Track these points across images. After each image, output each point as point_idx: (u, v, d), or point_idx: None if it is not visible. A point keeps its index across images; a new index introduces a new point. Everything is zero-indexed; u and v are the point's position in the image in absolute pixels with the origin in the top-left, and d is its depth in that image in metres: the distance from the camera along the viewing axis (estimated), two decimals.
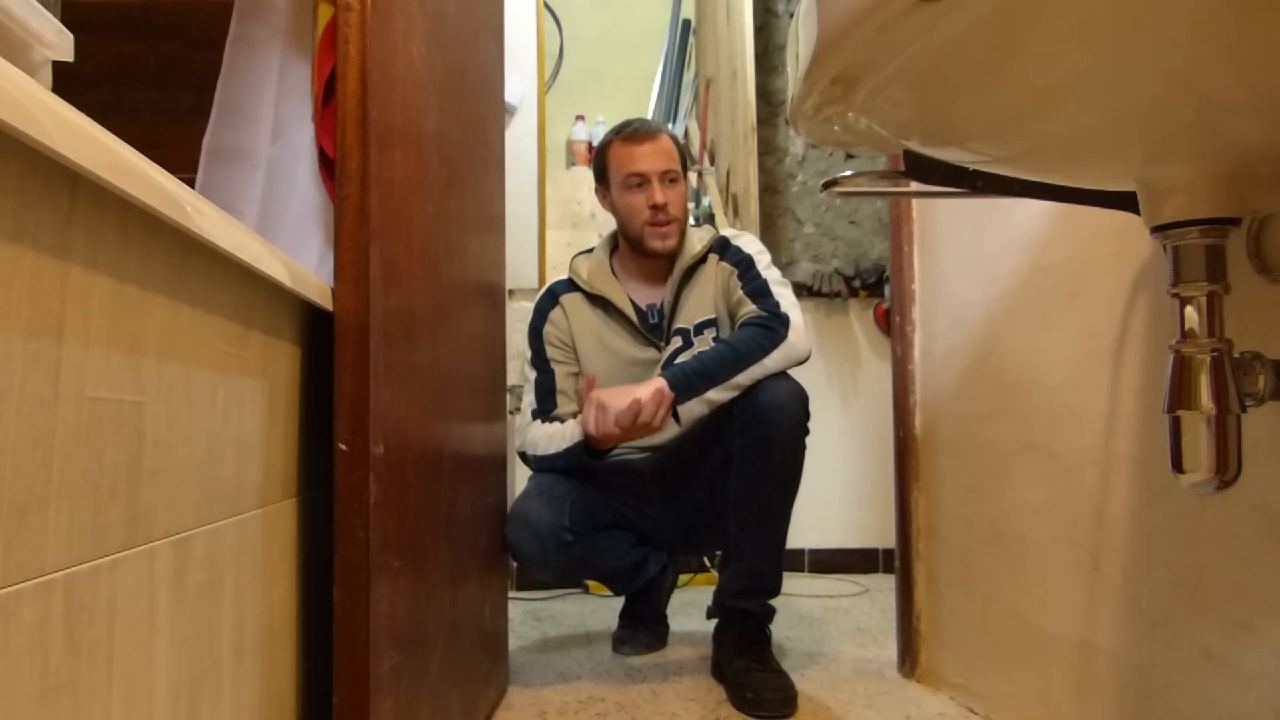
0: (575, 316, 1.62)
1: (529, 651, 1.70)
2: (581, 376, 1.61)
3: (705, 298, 1.58)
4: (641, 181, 1.55)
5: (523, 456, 1.58)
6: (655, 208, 1.53)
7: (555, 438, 1.52)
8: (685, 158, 1.62)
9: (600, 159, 1.62)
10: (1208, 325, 0.68)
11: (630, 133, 1.58)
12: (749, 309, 1.50)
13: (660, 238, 1.55)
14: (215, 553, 0.65)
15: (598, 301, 1.61)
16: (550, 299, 1.64)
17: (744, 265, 1.56)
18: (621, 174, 1.57)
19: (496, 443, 1.40)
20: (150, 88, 1.41)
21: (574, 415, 1.59)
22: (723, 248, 1.60)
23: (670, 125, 2.91)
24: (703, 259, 1.60)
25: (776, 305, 1.48)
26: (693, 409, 1.42)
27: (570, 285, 1.64)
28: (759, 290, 1.51)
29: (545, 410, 1.58)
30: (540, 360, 1.61)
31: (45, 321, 0.45)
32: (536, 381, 1.60)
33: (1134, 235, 0.99)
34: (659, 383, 1.41)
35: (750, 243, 1.60)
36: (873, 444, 2.42)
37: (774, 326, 1.44)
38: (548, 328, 1.62)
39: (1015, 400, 1.23)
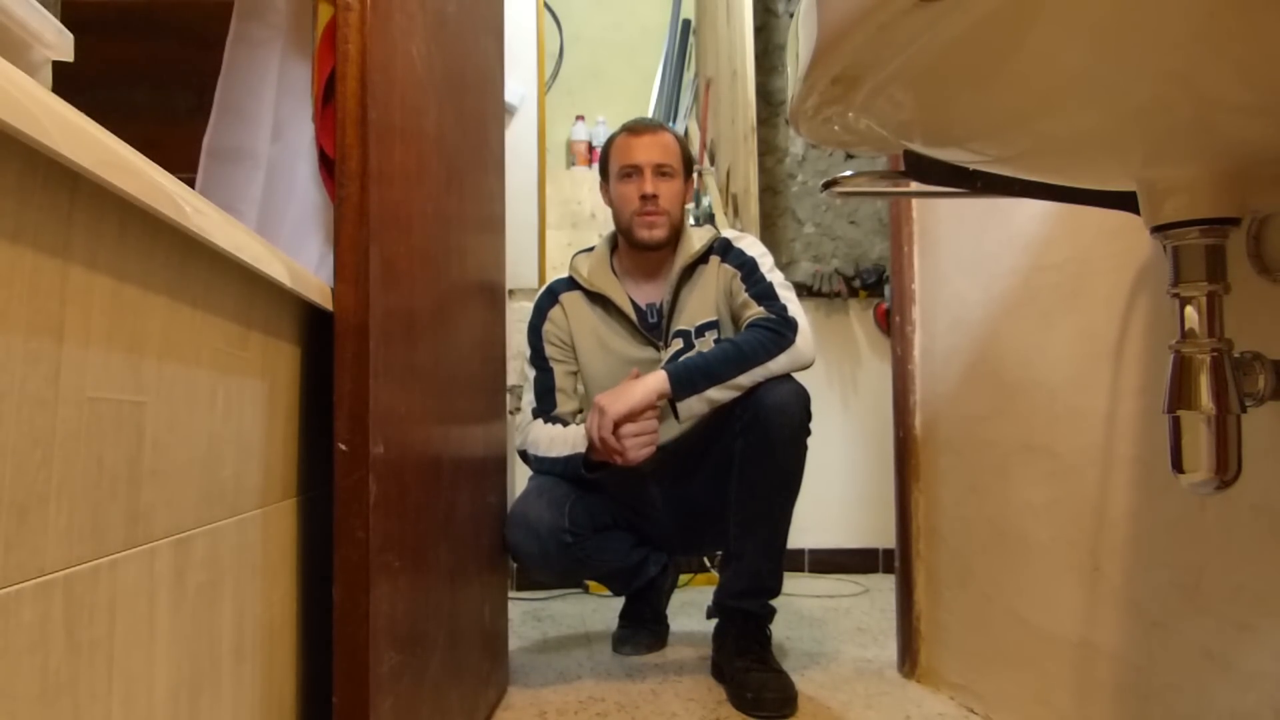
0: (575, 315, 1.62)
1: (529, 651, 1.70)
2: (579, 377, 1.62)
3: (706, 299, 1.58)
4: (634, 172, 1.57)
5: (523, 455, 1.58)
6: (645, 198, 1.54)
7: (557, 441, 1.51)
8: (688, 159, 1.62)
9: (604, 153, 1.65)
10: (1208, 325, 0.68)
11: (631, 126, 1.61)
12: (754, 311, 1.49)
13: (647, 227, 1.55)
14: (215, 553, 0.65)
15: (597, 300, 1.61)
16: (550, 297, 1.64)
17: (748, 268, 1.55)
18: (618, 165, 1.59)
19: (496, 443, 1.40)
20: (150, 88, 1.41)
21: (573, 414, 1.59)
22: (724, 249, 1.59)
23: (670, 125, 2.90)
24: (703, 259, 1.59)
25: (784, 309, 1.48)
26: (692, 406, 1.42)
27: (570, 283, 1.64)
28: (765, 293, 1.51)
29: (545, 409, 1.58)
30: (539, 359, 1.61)
31: (45, 321, 0.45)
32: (535, 380, 1.60)
33: (1134, 235, 0.99)
34: (659, 379, 1.41)
35: (753, 245, 1.60)
36: (873, 444, 2.42)
37: (782, 331, 1.44)
38: (547, 326, 1.62)
39: (1015, 400, 1.23)
